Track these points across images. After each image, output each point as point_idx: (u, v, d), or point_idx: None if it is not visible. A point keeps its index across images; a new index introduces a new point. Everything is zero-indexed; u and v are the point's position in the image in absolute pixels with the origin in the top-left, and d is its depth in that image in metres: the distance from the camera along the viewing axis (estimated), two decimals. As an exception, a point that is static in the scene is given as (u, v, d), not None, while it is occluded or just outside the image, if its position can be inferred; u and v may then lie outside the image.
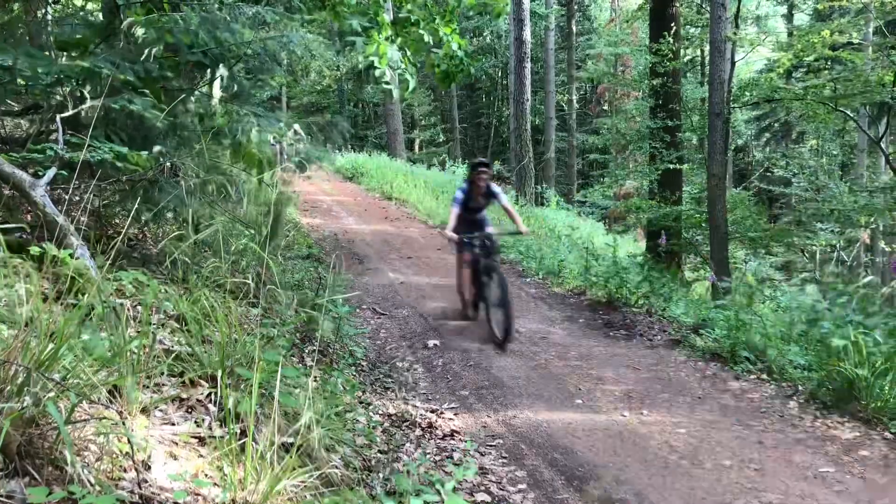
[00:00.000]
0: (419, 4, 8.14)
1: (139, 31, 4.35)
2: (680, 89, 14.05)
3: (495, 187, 7.61)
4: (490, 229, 7.61)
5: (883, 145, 12.99)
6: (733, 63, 11.86)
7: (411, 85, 8.17)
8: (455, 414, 5.17)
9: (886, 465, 4.29)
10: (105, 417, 2.34)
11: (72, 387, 2.26)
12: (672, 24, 13.46)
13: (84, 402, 2.36)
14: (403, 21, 8.12)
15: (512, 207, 8.00)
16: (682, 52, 14.31)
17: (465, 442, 4.57)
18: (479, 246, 7.27)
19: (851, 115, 12.82)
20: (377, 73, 7.65)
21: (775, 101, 12.71)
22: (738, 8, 12.07)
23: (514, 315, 6.86)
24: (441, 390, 5.72)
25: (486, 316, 7.09)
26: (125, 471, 2.24)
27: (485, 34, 36.49)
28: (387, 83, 7.99)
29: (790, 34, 20.75)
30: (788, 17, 28.65)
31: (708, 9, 13.26)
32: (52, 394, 2.14)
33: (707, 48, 15.80)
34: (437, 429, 4.76)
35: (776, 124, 27.33)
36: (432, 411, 5.11)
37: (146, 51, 4.43)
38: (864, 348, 5.07)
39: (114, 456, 2.26)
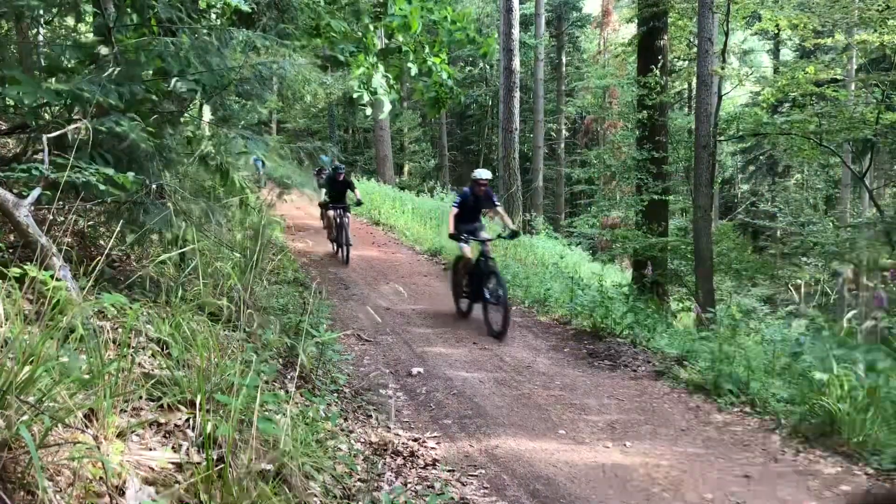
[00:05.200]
0: (410, 35, 8.23)
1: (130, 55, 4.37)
2: (667, 121, 14.21)
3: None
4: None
5: (867, 181, 13.16)
6: (720, 96, 12.02)
7: (386, 107, 8.28)
8: (437, 443, 5.13)
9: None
10: (80, 442, 2.31)
11: (47, 410, 2.23)
12: (660, 57, 13.65)
13: (59, 425, 2.33)
14: (391, 49, 8.21)
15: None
16: (669, 85, 14.48)
17: (447, 471, 4.54)
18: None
19: (836, 150, 12.99)
20: (356, 94, 7.74)
21: (761, 134, 12.87)
22: (726, 43, 12.25)
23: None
24: (424, 419, 5.69)
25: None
26: (99, 497, 2.21)
27: (478, 63, 36.85)
28: (362, 104, 8.09)
29: (776, 69, 21.06)
30: (775, 52, 29.11)
31: (696, 42, 13.45)
32: (25, 417, 2.12)
33: (694, 81, 16.01)
34: (418, 458, 4.72)
35: (762, 157, 27.65)
36: (414, 440, 5.07)
37: (135, 74, 4.44)
38: (845, 383, 5.09)
39: (87, 481, 2.23)
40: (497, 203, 9.24)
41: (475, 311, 9.00)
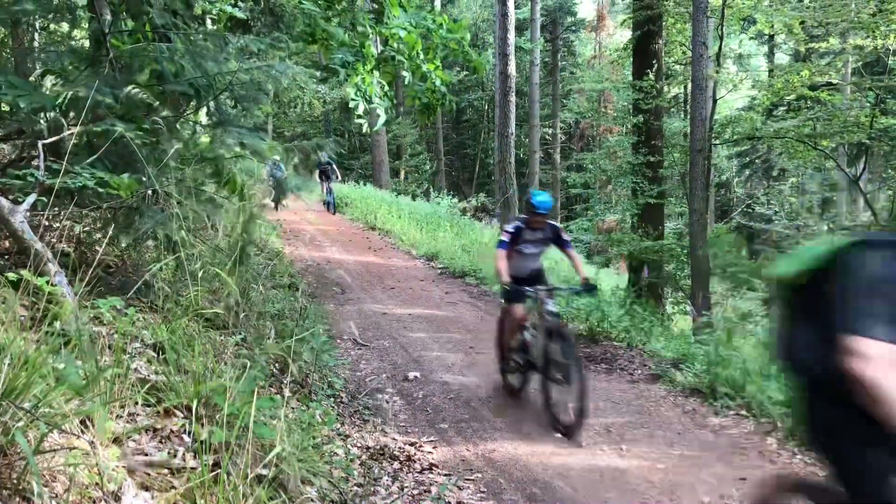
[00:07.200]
0: (406, 43, 8.21)
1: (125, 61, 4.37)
2: (662, 126, 14.25)
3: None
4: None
5: (861, 184, 13.19)
6: (715, 100, 12.07)
7: (382, 118, 8.26)
8: (434, 447, 5.13)
9: None
10: (76, 447, 2.31)
11: (42, 416, 2.23)
12: (654, 61, 13.69)
13: (54, 431, 2.33)
14: (386, 57, 8.21)
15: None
16: (664, 89, 14.53)
17: (444, 476, 4.53)
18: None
19: (830, 154, 13.03)
20: (352, 104, 7.72)
21: (756, 138, 12.91)
22: (720, 47, 12.30)
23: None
24: (420, 423, 5.68)
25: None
26: (94, 502, 2.21)
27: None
28: (359, 116, 8.05)
29: (771, 73, 21.12)
30: (770, 56, 29.18)
31: (691, 47, 13.50)
32: (21, 423, 2.11)
33: (690, 85, 16.07)
34: (415, 462, 4.72)
35: (758, 161, 27.69)
36: (411, 444, 5.07)
37: (131, 79, 4.44)
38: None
39: (83, 487, 2.23)
40: None
41: None
